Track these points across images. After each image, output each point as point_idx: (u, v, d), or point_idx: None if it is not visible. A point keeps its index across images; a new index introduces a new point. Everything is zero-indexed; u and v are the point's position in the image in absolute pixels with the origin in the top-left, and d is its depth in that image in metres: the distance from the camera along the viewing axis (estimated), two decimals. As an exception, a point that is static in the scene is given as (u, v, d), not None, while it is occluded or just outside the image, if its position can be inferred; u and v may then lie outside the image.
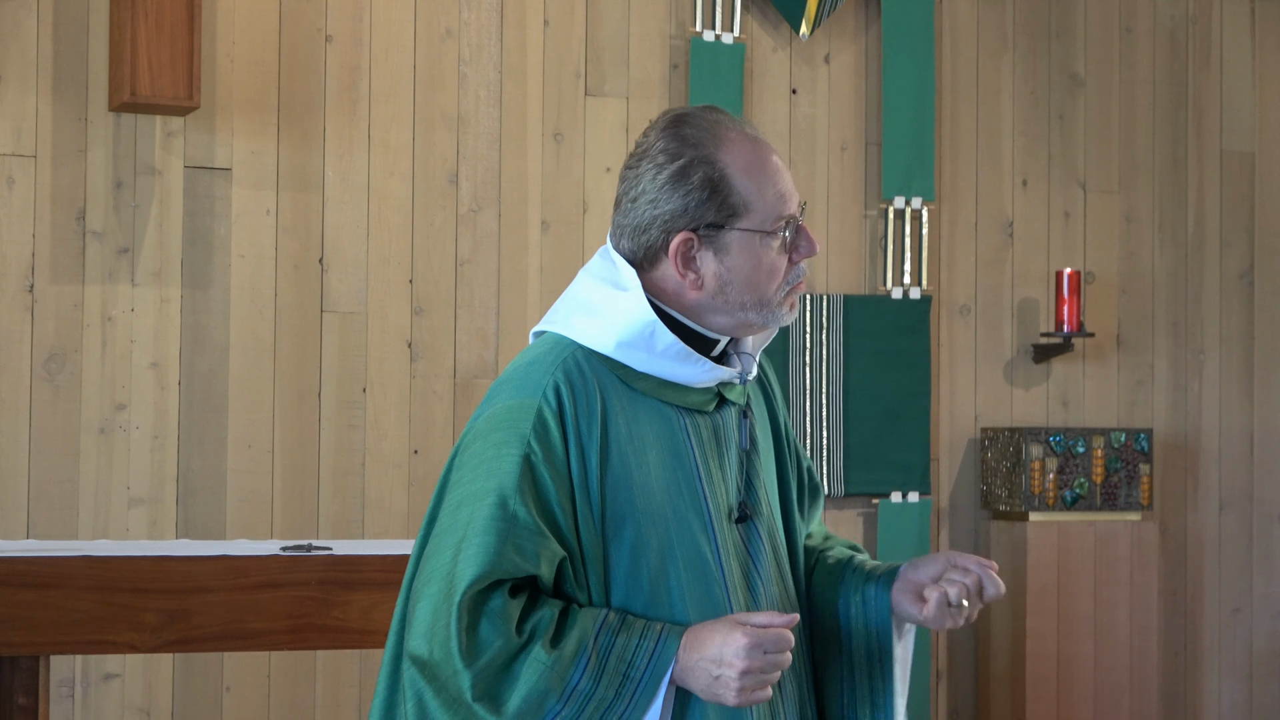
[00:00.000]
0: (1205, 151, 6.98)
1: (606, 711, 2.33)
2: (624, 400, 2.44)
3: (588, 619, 2.35)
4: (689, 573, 2.41)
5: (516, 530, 2.35)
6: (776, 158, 2.49)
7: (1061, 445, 6.47)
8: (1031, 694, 6.36)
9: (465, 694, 2.31)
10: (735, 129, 2.48)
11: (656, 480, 2.42)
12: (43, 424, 5.53)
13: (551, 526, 2.37)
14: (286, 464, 5.78)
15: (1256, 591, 6.98)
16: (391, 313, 5.92)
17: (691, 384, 2.47)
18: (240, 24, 5.79)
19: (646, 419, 2.45)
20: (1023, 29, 6.76)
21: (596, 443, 2.40)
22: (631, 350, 2.45)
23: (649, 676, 2.34)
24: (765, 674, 2.31)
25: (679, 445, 2.45)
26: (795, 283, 2.50)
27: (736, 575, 2.45)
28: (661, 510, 2.42)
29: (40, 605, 3.99)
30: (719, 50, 6.30)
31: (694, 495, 2.44)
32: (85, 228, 5.59)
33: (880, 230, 6.54)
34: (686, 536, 2.42)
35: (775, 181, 2.47)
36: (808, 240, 2.50)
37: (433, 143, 6.00)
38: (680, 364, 2.46)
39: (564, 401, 2.41)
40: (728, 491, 2.48)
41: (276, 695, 5.73)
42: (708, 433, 2.49)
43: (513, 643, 2.32)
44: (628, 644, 2.34)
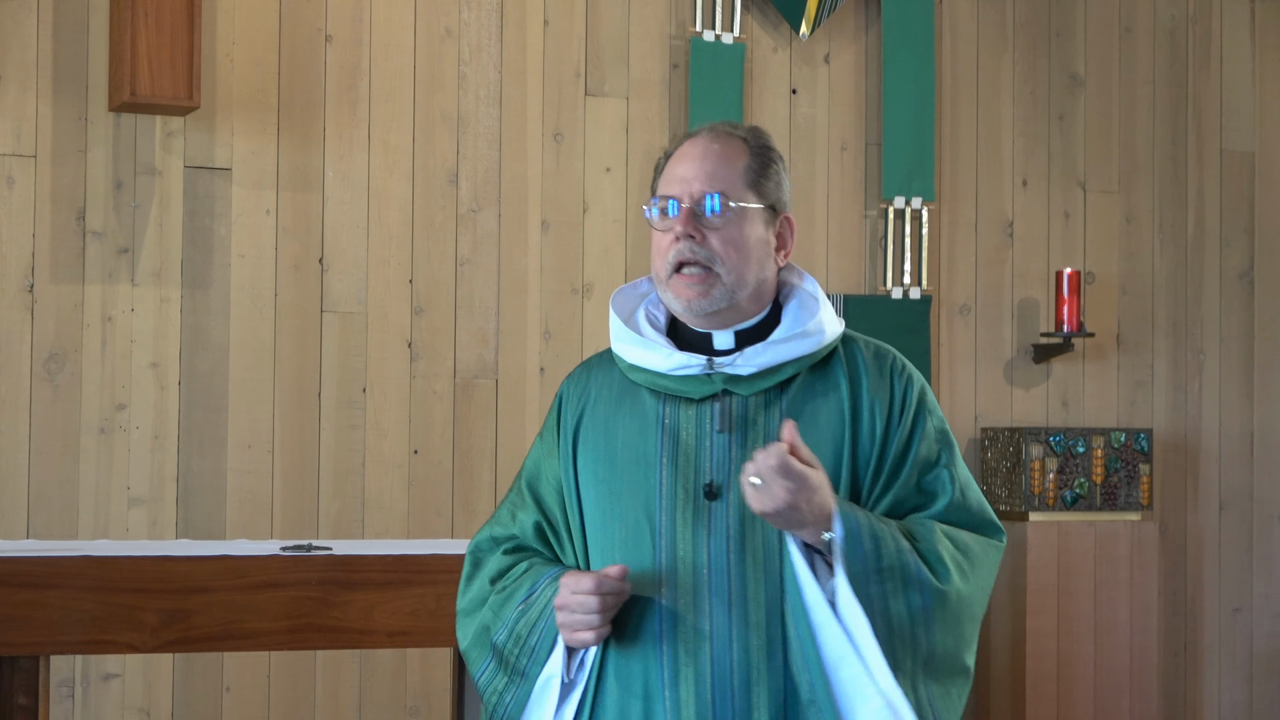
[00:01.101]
0: (1205, 151, 6.98)
1: (523, 647, 2.68)
2: (615, 389, 2.75)
3: (541, 570, 2.73)
4: (630, 539, 2.65)
5: (516, 501, 2.82)
6: (698, 151, 2.70)
7: (1061, 445, 6.47)
8: (1031, 694, 6.36)
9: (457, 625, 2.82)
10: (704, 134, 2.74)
11: (620, 456, 2.69)
12: (43, 424, 5.53)
13: (536, 499, 2.79)
14: (286, 464, 5.78)
15: (1256, 591, 6.98)
16: (391, 313, 5.92)
17: (662, 371, 2.69)
18: (240, 24, 5.79)
19: (630, 405, 2.72)
20: (1023, 29, 6.76)
21: (572, 428, 2.76)
22: (621, 344, 2.76)
23: (549, 625, 2.67)
24: (574, 613, 2.58)
25: (649, 428, 2.68)
26: (675, 263, 2.67)
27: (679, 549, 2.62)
28: (618, 482, 2.68)
29: (40, 605, 3.98)
30: (719, 50, 6.30)
31: (649, 471, 2.66)
32: (85, 228, 5.59)
33: (880, 230, 6.54)
34: (632, 506, 2.66)
35: (677, 165, 2.71)
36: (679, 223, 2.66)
37: (433, 143, 6.00)
38: (644, 351, 2.71)
39: (564, 394, 2.81)
40: (699, 471, 2.65)
41: (276, 695, 5.73)
42: (688, 417, 2.67)
43: (485, 589, 2.77)
44: (548, 593, 2.68)
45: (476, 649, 2.76)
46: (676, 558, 2.61)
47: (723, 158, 2.71)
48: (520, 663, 2.68)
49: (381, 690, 5.84)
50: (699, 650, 2.59)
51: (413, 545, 4.50)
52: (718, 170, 2.69)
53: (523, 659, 2.68)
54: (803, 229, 6.45)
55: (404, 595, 4.19)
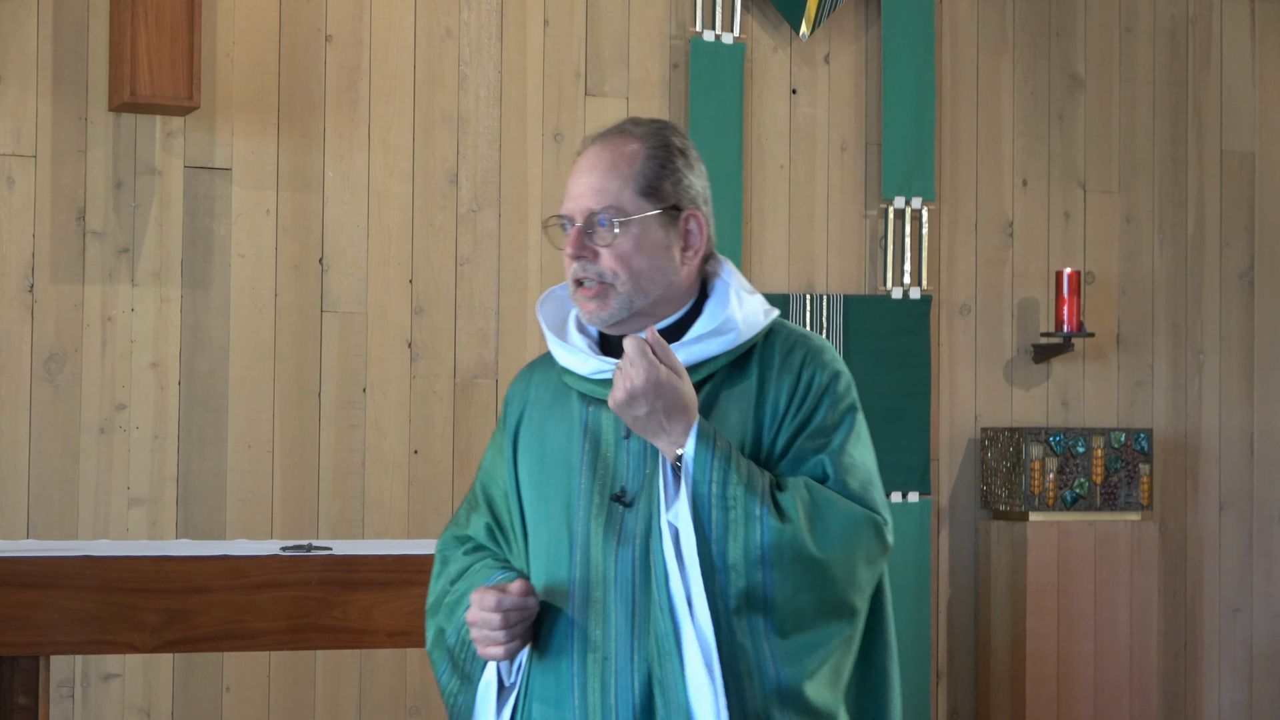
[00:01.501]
0: (1205, 151, 6.98)
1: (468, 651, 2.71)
2: (549, 392, 2.75)
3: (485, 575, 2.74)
4: (551, 545, 2.67)
5: (468, 502, 2.86)
6: (587, 165, 2.66)
7: (1061, 445, 6.47)
8: (1031, 694, 6.36)
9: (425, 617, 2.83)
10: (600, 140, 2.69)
11: (550, 463, 2.70)
12: (43, 424, 5.53)
13: (488, 500, 2.82)
14: (286, 464, 5.78)
15: (1256, 591, 6.98)
16: (391, 313, 5.92)
17: (582, 374, 2.69)
18: (240, 24, 5.79)
19: (560, 408, 2.72)
20: (1023, 29, 6.76)
21: (513, 433, 2.78)
22: (555, 348, 2.75)
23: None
24: (479, 629, 2.60)
25: (574, 431, 2.68)
26: (574, 279, 2.66)
27: (591, 557, 2.62)
28: (547, 487, 2.70)
29: (40, 605, 3.98)
30: (719, 50, 6.30)
31: (572, 475, 2.66)
32: (85, 228, 5.59)
33: (880, 230, 6.53)
34: (556, 512, 2.67)
35: (570, 181, 2.69)
36: (569, 245, 2.64)
37: (433, 143, 6.00)
38: (568, 354, 2.71)
39: (510, 395, 2.83)
40: (615, 477, 2.64)
41: (276, 695, 5.73)
42: (608, 422, 2.66)
43: (445, 591, 2.79)
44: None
45: (436, 651, 2.79)
46: (590, 565, 2.61)
47: (612, 168, 2.64)
48: (467, 666, 2.72)
49: (381, 690, 5.84)
50: (605, 660, 2.59)
51: (413, 545, 4.50)
52: (605, 184, 2.63)
53: (468, 663, 2.72)
54: (803, 229, 6.45)
55: (404, 595, 4.19)
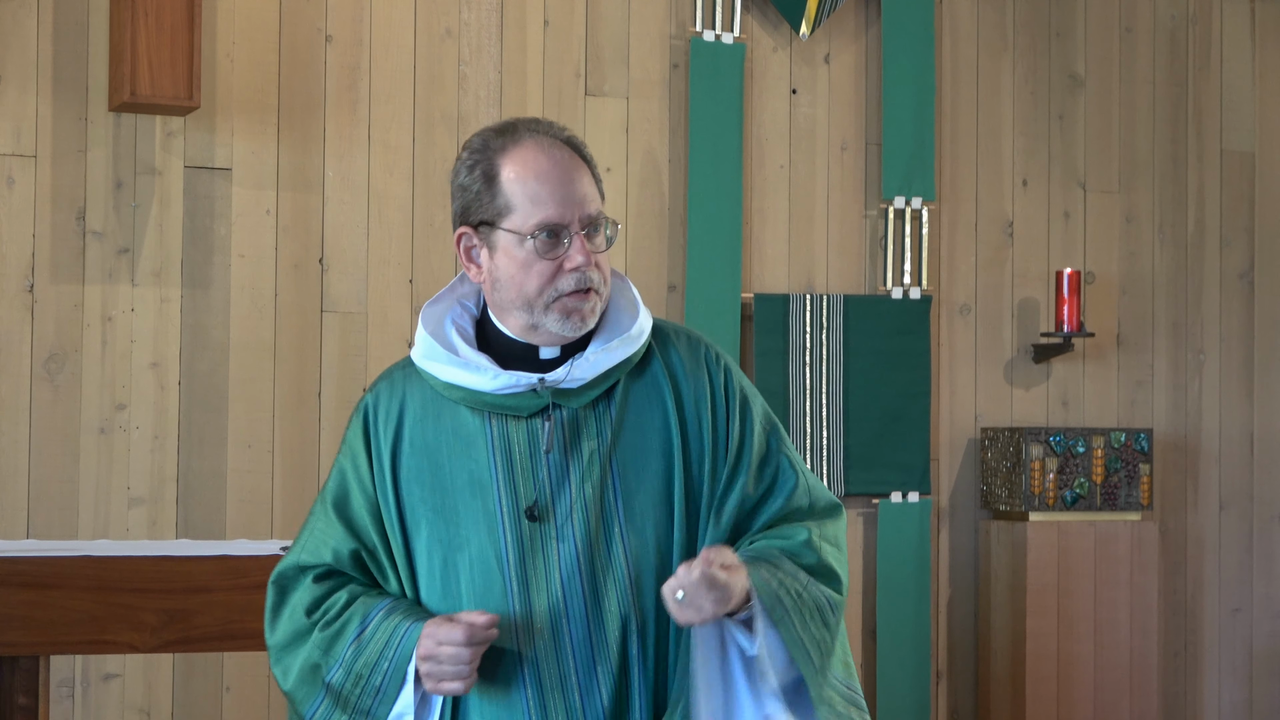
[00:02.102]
0: (1205, 151, 6.98)
1: (365, 688, 2.56)
2: (430, 407, 2.62)
3: (368, 603, 2.59)
4: (476, 568, 2.56)
5: (318, 527, 2.66)
6: (564, 168, 2.57)
7: (1061, 445, 6.47)
8: (1031, 694, 6.36)
9: (270, 661, 2.65)
10: (531, 139, 2.58)
11: (450, 480, 2.58)
12: (43, 424, 5.53)
13: (349, 525, 2.63)
14: (286, 464, 5.78)
15: (1256, 591, 6.98)
16: (391, 313, 5.92)
17: (485, 391, 2.58)
18: (240, 24, 5.79)
19: (450, 424, 2.60)
20: (1023, 29, 6.76)
21: (389, 447, 2.61)
22: (429, 361, 2.63)
23: (394, 663, 2.55)
24: (441, 663, 2.47)
25: (477, 448, 2.58)
26: (566, 291, 2.56)
27: (529, 576, 2.55)
28: (453, 509, 2.58)
29: (40, 605, 3.98)
30: (719, 50, 6.30)
31: (486, 495, 2.57)
32: (85, 228, 5.59)
33: (880, 230, 6.54)
34: (475, 534, 2.56)
35: (545, 187, 2.55)
36: (580, 252, 2.55)
37: (433, 143, 6.00)
38: (466, 371, 2.59)
39: (369, 416, 2.65)
40: (530, 492, 2.57)
41: (276, 695, 5.73)
42: (519, 436, 2.58)
43: (302, 622, 2.62)
44: (385, 630, 2.56)
45: (304, 688, 2.61)
46: (528, 586, 2.54)
47: (583, 171, 2.60)
48: (364, 703, 2.56)
49: (381, 690, 5.84)
50: (565, 682, 2.54)
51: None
52: (590, 189, 2.60)
53: (365, 699, 2.56)
54: (802, 229, 6.46)
55: (404, 595, 4.19)
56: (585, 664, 2.54)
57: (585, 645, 2.54)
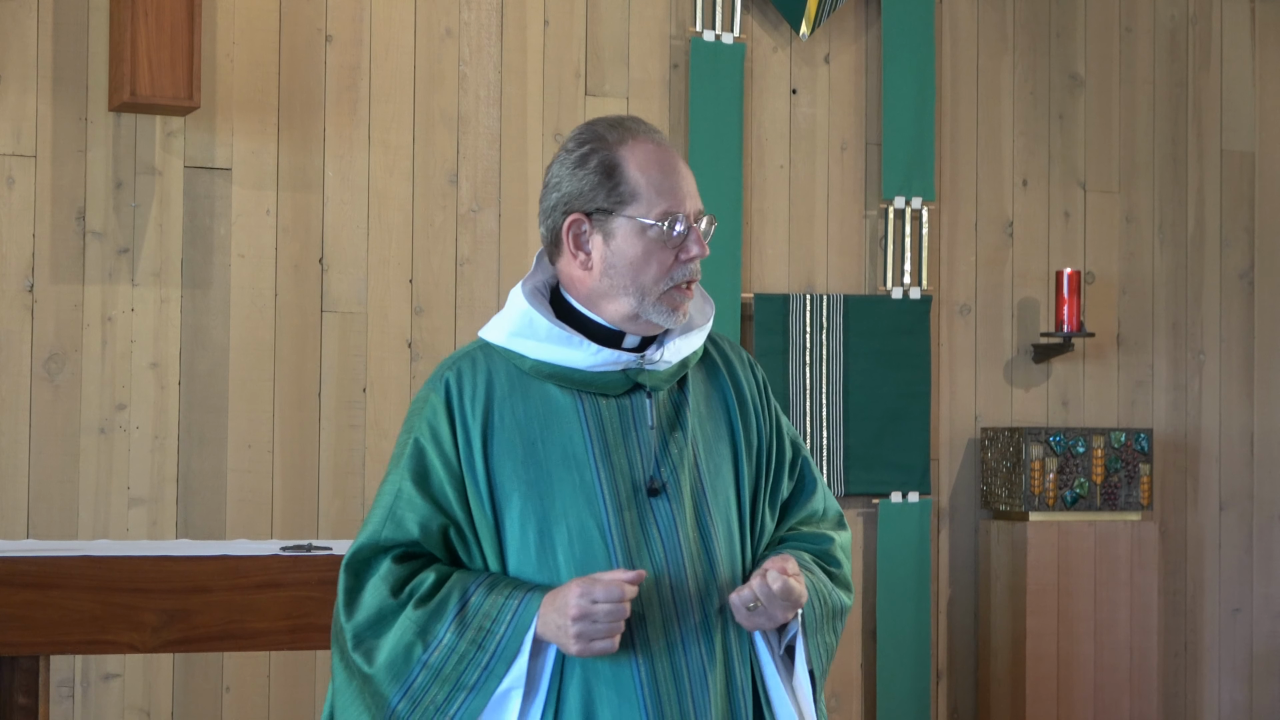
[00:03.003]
0: (1205, 151, 6.98)
1: (470, 664, 2.56)
2: (517, 386, 2.67)
3: (464, 580, 2.59)
4: (576, 541, 2.60)
5: (399, 504, 2.64)
6: (680, 165, 2.71)
7: (1061, 445, 6.47)
8: (1031, 694, 6.36)
9: (348, 645, 2.61)
10: (644, 134, 2.70)
11: (545, 456, 2.63)
12: (43, 424, 5.53)
13: (434, 501, 2.63)
14: (286, 464, 5.78)
15: (1256, 591, 6.98)
16: (391, 313, 5.92)
17: (580, 367, 2.66)
18: (240, 24, 5.79)
19: (539, 401, 2.66)
20: (1023, 29, 6.76)
21: (480, 425, 2.64)
22: (520, 339, 2.68)
23: (511, 632, 2.55)
24: (597, 622, 2.49)
25: (569, 425, 2.65)
26: (679, 280, 2.67)
27: (632, 548, 2.60)
28: (547, 483, 2.62)
29: (40, 605, 3.98)
30: (719, 50, 6.30)
31: (582, 470, 2.63)
32: (85, 228, 5.59)
33: (880, 230, 6.54)
34: (572, 507, 2.61)
35: (668, 179, 2.68)
36: (697, 242, 2.68)
37: (433, 143, 6.00)
38: (565, 348, 2.66)
39: (451, 391, 2.67)
40: (631, 469, 2.65)
41: (276, 695, 5.73)
42: (610, 414, 2.66)
43: (389, 602, 2.60)
44: (494, 603, 2.56)
45: (394, 669, 2.58)
46: (631, 560, 2.59)
47: (690, 172, 2.75)
48: (468, 677, 2.55)
49: (381, 690, 5.84)
50: (673, 651, 2.60)
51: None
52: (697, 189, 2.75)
53: (471, 673, 2.55)
54: (803, 229, 6.46)
55: (404, 595, 4.18)
56: (693, 634, 2.61)
57: (699, 612, 2.62)
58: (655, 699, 2.58)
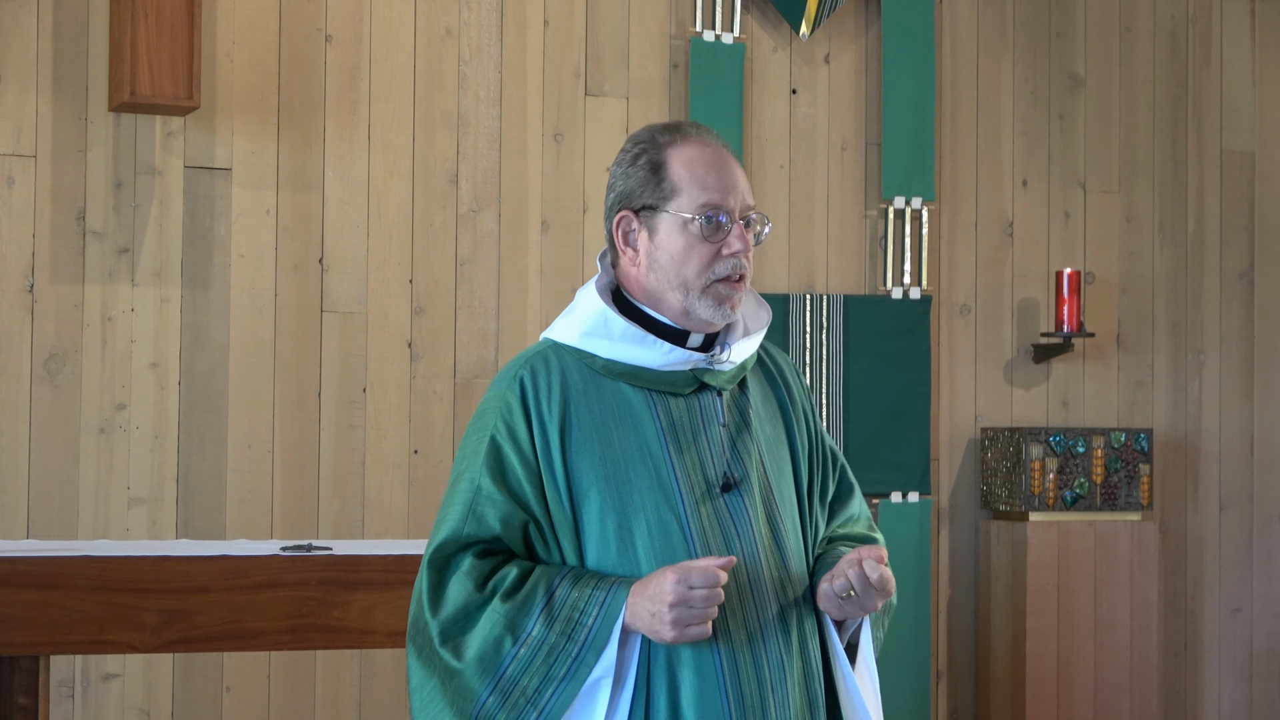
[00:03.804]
0: (1205, 151, 6.98)
1: (560, 655, 2.58)
2: (590, 384, 2.70)
3: (548, 574, 2.62)
4: (655, 534, 2.63)
5: (479, 501, 2.66)
6: (730, 162, 2.73)
7: (1061, 445, 6.47)
8: (1031, 694, 6.36)
9: (434, 641, 2.62)
10: (696, 135, 2.74)
11: (621, 452, 2.66)
12: (43, 424, 5.53)
13: (513, 496, 2.66)
14: (286, 464, 5.78)
15: (1256, 591, 6.98)
16: (391, 313, 5.92)
17: (652, 366, 2.70)
18: (240, 24, 5.79)
19: (612, 399, 2.70)
20: (1023, 29, 6.76)
21: (557, 422, 2.67)
22: (594, 339, 2.72)
23: (600, 622, 2.58)
24: (693, 608, 2.52)
25: (643, 422, 2.68)
26: (722, 275, 2.69)
27: (710, 541, 2.64)
28: (625, 478, 2.65)
29: (40, 605, 3.99)
30: (719, 50, 6.30)
31: (658, 465, 2.66)
32: (85, 228, 5.59)
33: (880, 230, 6.54)
34: (650, 501, 2.64)
35: (711, 174, 2.70)
36: (739, 238, 2.70)
37: (433, 143, 6.00)
38: (638, 347, 2.70)
39: (526, 389, 2.70)
40: (704, 465, 2.69)
41: (276, 695, 5.73)
42: (680, 412, 2.70)
43: (474, 597, 2.62)
44: (581, 595, 2.59)
45: (483, 664, 2.60)
46: (711, 551, 2.63)
47: (742, 171, 2.76)
48: (557, 670, 2.57)
49: (381, 690, 5.84)
50: (750, 643, 2.64)
51: (413, 545, 4.50)
52: (747, 183, 2.76)
53: (560, 666, 2.57)
54: (803, 229, 6.46)
55: (404, 595, 4.18)
56: (772, 626, 2.66)
57: (775, 604, 2.67)
58: (737, 686, 2.62)
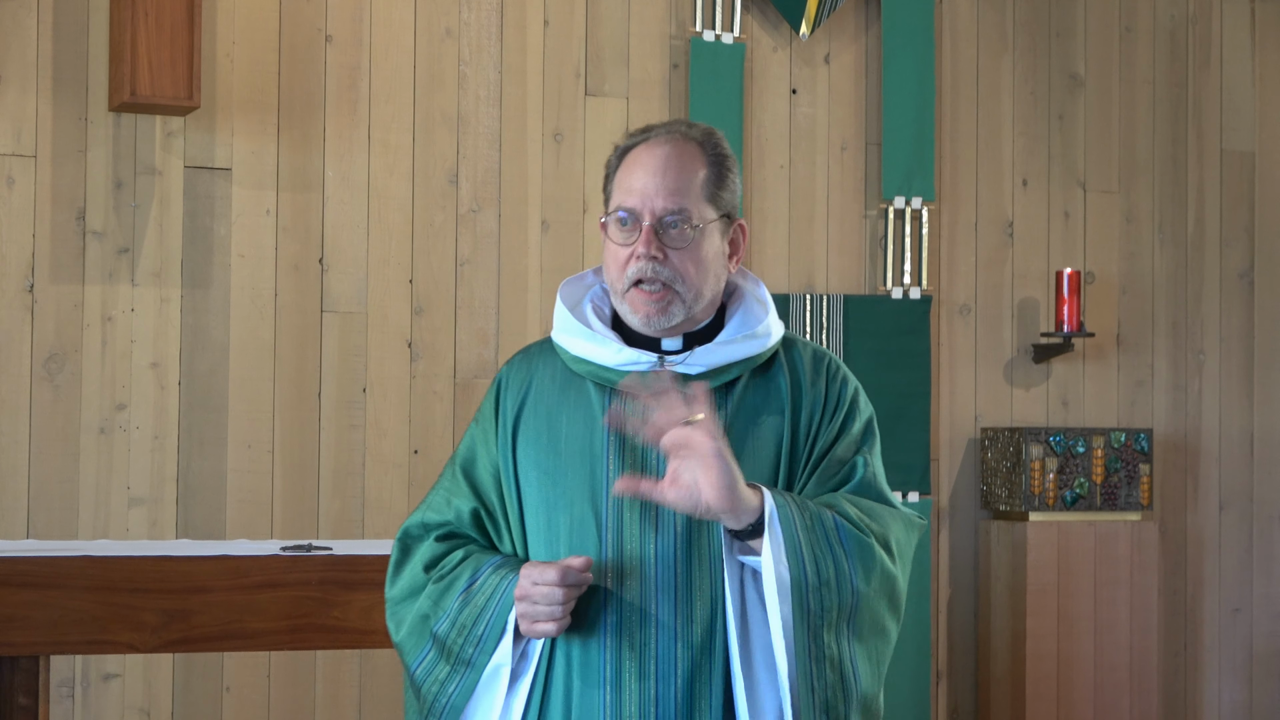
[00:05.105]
0: (1205, 151, 6.98)
1: (467, 637, 2.67)
2: (560, 379, 2.75)
3: (480, 559, 2.72)
4: (575, 530, 2.66)
5: (449, 489, 2.80)
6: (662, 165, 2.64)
7: (1061, 445, 6.47)
8: (1031, 694, 6.36)
9: (386, 614, 2.79)
10: (658, 135, 2.68)
11: (565, 447, 2.70)
12: (43, 424, 5.53)
13: (475, 487, 2.77)
14: (286, 464, 5.78)
15: (1256, 591, 6.98)
16: (391, 313, 5.92)
17: (607, 364, 2.70)
18: (240, 24, 5.79)
19: (574, 396, 2.73)
20: (1023, 29, 6.76)
21: (513, 416, 2.75)
22: (566, 336, 2.75)
23: (497, 612, 2.66)
24: (536, 604, 2.57)
25: (594, 419, 2.69)
26: (633, 280, 2.65)
27: (625, 541, 2.64)
28: (561, 472, 2.69)
29: (40, 605, 3.98)
30: (719, 50, 6.30)
31: (595, 463, 2.67)
32: (85, 228, 5.59)
33: (880, 230, 6.54)
34: (577, 497, 2.67)
35: (638, 177, 2.65)
36: (643, 243, 2.63)
37: (433, 143, 6.00)
38: (593, 345, 2.71)
39: (502, 385, 2.80)
40: (645, 466, 2.66)
41: (276, 695, 5.73)
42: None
43: (420, 576, 2.75)
44: (492, 582, 2.67)
45: (413, 638, 2.74)
46: (623, 552, 2.63)
47: (682, 170, 2.66)
48: (465, 652, 2.67)
49: (381, 690, 5.84)
50: (644, 644, 2.62)
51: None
52: (679, 185, 2.64)
53: (468, 648, 2.67)
54: (802, 229, 6.46)
55: (404, 595, 4.18)
56: (668, 632, 2.63)
57: (670, 615, 2.63)
58: (615, 687, 2.61)
